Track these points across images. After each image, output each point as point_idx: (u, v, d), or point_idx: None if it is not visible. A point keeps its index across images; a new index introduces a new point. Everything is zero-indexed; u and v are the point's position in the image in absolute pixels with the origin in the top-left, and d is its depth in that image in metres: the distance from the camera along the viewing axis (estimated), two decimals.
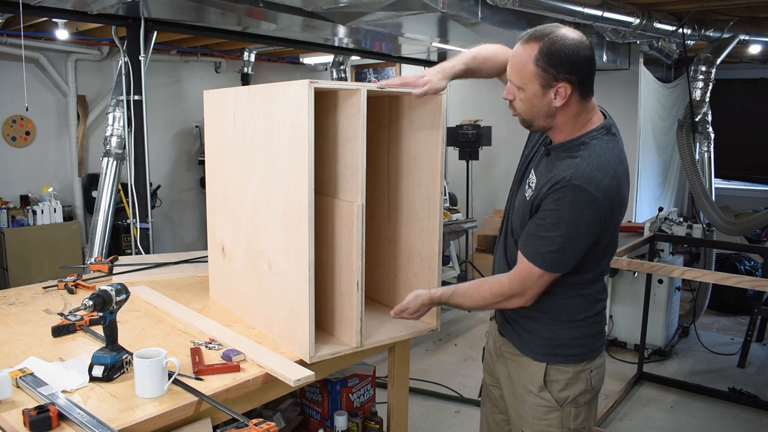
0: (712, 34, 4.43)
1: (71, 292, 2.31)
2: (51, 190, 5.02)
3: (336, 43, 5.10)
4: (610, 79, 5.59)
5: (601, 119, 1.53)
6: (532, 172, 1.59)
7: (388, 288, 2.12)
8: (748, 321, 4.27)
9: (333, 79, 6.49)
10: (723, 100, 5.99)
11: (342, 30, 3.97)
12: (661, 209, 4.33)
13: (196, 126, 6.25)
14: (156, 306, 2.15)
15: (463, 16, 3.18)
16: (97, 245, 4.10)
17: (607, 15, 3.61)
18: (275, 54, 6.64)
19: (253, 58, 6.22)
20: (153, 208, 4.44)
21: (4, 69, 4.79)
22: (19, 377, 1.49)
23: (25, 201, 4.96)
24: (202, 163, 4.72)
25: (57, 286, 2.36)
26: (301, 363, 1.67)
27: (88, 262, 2.66)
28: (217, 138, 2.15)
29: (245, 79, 6.27)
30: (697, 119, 4.71)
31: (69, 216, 5.18)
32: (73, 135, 5.31)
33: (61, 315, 1.98)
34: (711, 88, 4.71)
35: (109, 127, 4.14)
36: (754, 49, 4.94)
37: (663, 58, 5.21)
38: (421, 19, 3.42)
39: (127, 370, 1.58)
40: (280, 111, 1.70)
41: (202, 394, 1.48)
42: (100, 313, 1.56)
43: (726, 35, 4.44)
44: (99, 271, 2.54)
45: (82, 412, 1.33)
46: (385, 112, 2.04)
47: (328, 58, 6.44)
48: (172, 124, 6.07)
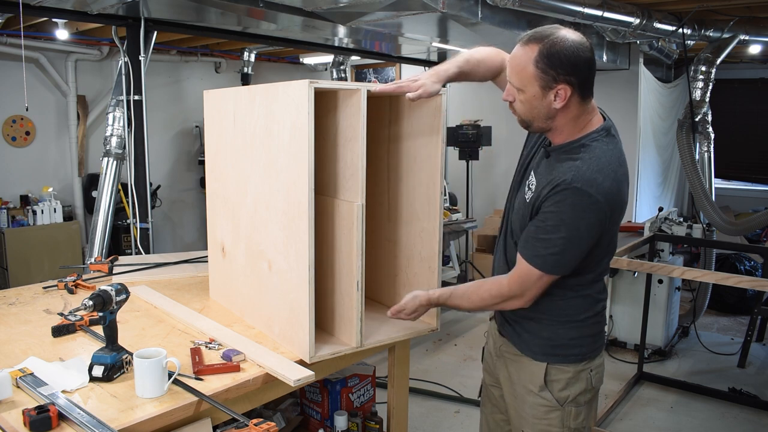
0: (712, 34, 4.43)
1: (71, 292, 2.31)
2: (51, 190, 5.01)
3: (336, 43, 5.10)
4: (610, 79, 5.58)
5: (600, 121, 1.53)
6: (532, 174, 1.58)
7: (388, 288, 2.12)
8: (748, 321, 4.27)
9: (333, 79, 6.48)
10: (723, 100, 5.99)
11: (342, 30, 3.97)
12: (661, 209, 4.32)
13: (196, 126, 6.24)
14: (156, 306, 2.15)
15: (463, 16, 3.18)
16: (97, 245, 4.10)
17: (607, 15, 3.61)
18: (275, 54, 6.64)
19: (253, 58, 6.22)
20: (153, 208, 4.44)
21: (4, 69, 4.79)
22: (19, 377, 1.49)
23: (25, 201, 4.96)
24: (202, 163, 4.72)
25: (57, 286, 2.36)
26: (301, 363, 1.67)
27: (88, 262, 2.67)
28: (217, 138, 2.15)
29: (245, 79, 6.26)
30: (697, 119, 4.71)
31: (69, 216, 5.18)
32: (73, 135, 5.31)
33: (61, 315, 1.98)
34: (711, 88, 4.71)
35: (109, 127, 4.14)
36: (754, 49, 4.94)
37: (663, 58, 5.21)
38: (421, 19, 3.42)
39: (127, 370, 1.58)
40: (280, 111, 1.70)
41: (202, 394, 1.48)
42: (100, 313, 1.56)
43: (726, 35, 4.44)
44: (99, 271, 2.54)
45: (82, 412, 1.33)
46: (385, 112, 2.04)
47: (328, 58, 6.43)
48: (172, 124, 6.07)
